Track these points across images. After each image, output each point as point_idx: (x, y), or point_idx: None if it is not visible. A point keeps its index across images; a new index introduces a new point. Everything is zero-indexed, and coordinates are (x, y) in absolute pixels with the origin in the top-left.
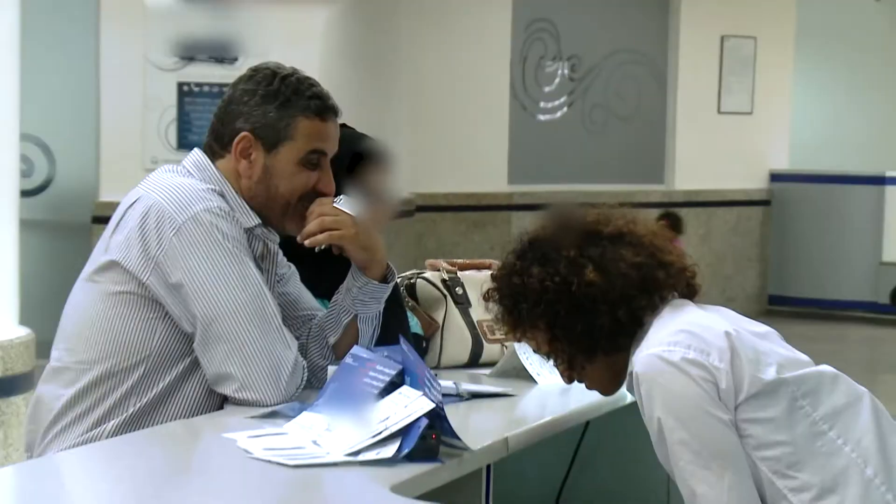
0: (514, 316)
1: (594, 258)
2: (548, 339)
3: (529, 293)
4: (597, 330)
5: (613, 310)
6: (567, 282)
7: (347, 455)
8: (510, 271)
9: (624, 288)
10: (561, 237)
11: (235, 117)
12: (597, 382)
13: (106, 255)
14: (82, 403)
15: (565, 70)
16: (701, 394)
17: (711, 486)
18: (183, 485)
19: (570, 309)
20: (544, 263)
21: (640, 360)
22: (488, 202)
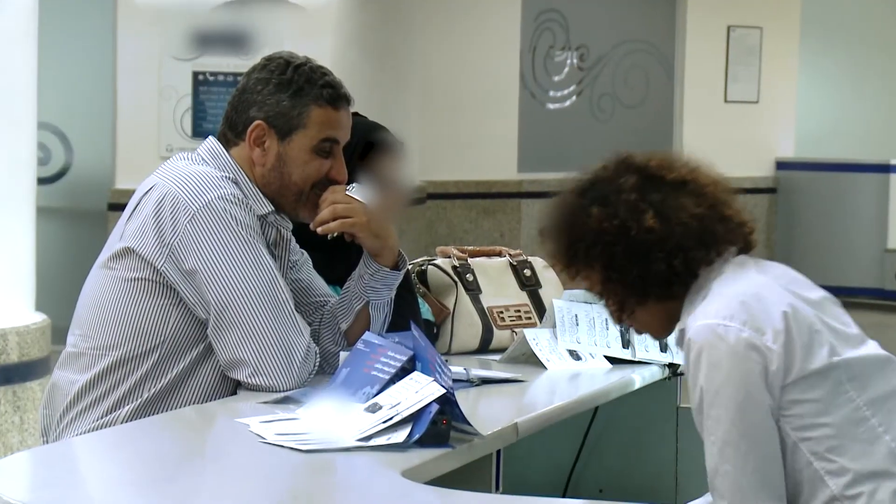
0: (569, 255)
1: (655, 204)
2: (601, 279)
3: (587, 233)
4: (651, 276)
5: (669, 258)
6: (626, 226)
7: (359, 440)
8: (569, 210)
9: (682, 238)
10: (622, 179)
11: (249, 106)
12: (646, 326)
13: (121, 242)
14: (97, 389)
15: (574, 59)
16: (747, 375)
17: (735, 466)
18: (196, 469)
19: (626, 253)
20: (604, 205)
21: (694, 328)
22: (498, 190)
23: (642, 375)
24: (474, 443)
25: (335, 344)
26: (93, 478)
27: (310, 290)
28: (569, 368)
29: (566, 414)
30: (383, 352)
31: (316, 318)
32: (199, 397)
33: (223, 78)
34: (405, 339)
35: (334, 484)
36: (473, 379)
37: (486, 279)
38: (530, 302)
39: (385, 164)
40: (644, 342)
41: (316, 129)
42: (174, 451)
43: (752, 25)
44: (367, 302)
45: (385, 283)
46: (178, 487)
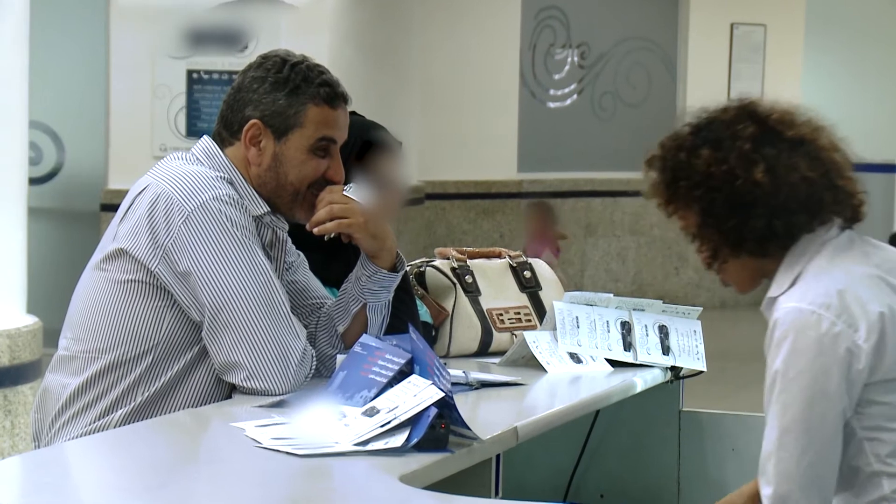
0: (670, 190)
1: (768, 158)
2: (697, 223)
3: (692, 173)
4: (748, 230)
5: (770, 217)
6: (733, 174)
7: (356, 444)
8: (680, 145)
9: (788, 199)
10: (741, 126)
11: (245, 105)
12: (734, 279)
13: (114, 243)
14: (90, 393)
15: (575, 57)
16: (828, 370)
17: (791, 456)
18: (190, 474)
19: (727, 201)
20: (716, 148)
21: (785, 308)
22: (498, 190)
23: (644, 379)
24: (473, 447)
25: (332, 347)
26: (85, 483)
27: (306, 291)
28: (569, 371)
29: (567, 418)
30: (381, 354)
31: (312, 321)
32: (193, 401)
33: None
34: (403, 342)
35: (331, 489)
36: (472, 382)
37: (486, 281)
38: (530, 304)
39: (383, 163)
40: (646, 345)
41: (313, 129)
42: (168, 456)
43: (755, 23)
44: (365, 304)
45: (383, 285)
46: (172, 493)
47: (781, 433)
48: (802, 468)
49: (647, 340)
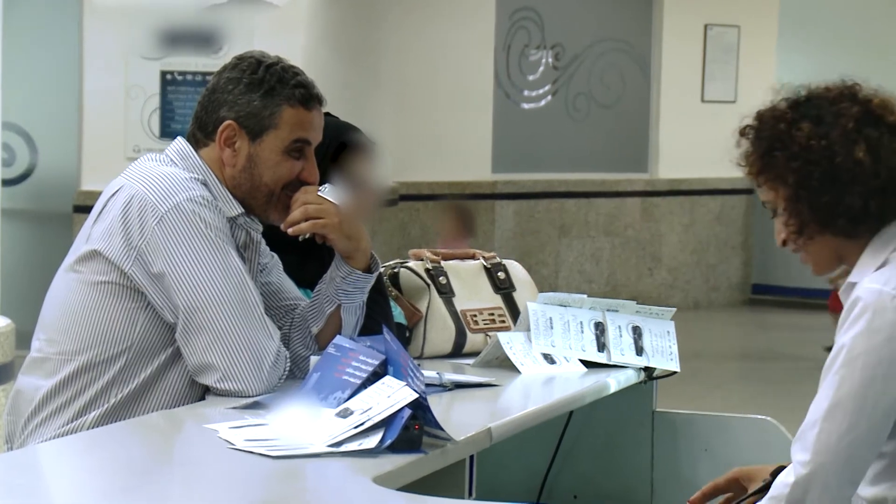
0: (764, 160)
1: (870, 139)
2: (789, 195)
3: (791, 144)
4: (842, 208)
5: (868, 196)
6: (833, 150)
7: (330, 446)
8: (778, 116)
9: (888, 181)
10: (844, 105)
11: (220, 106)
12: (814, 257)
13: (87, 244)
14: (63, 394)
15: (549, 58)
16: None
17: (836, 430)
18: (164, 476)
19: (825, 176)
20: (817, 123)
21: (867, 287)
22: (472, 191)
23: (618, 379)
24: (447, 448)
25: (306, 348)
26: (59, 485)
27: (280, 293)
28: (543, 372)
29: (540, 419)
30: (355, 356)
31: (286, 322)
32: (167, 403)
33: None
34: (377, 343)
35: (305, 491)
36: (446, 383)
37: (460, 282)
38: (504, 305)
39: (358, 165)
40: (620, 346)
41: (287, 130)
42: (141, 458)
43: (729, 24)
44: (339, 305)
45: (357, 286)
46: (146, 495)
47: (832, 406)
48: (844, 444)
49: (621, 341)
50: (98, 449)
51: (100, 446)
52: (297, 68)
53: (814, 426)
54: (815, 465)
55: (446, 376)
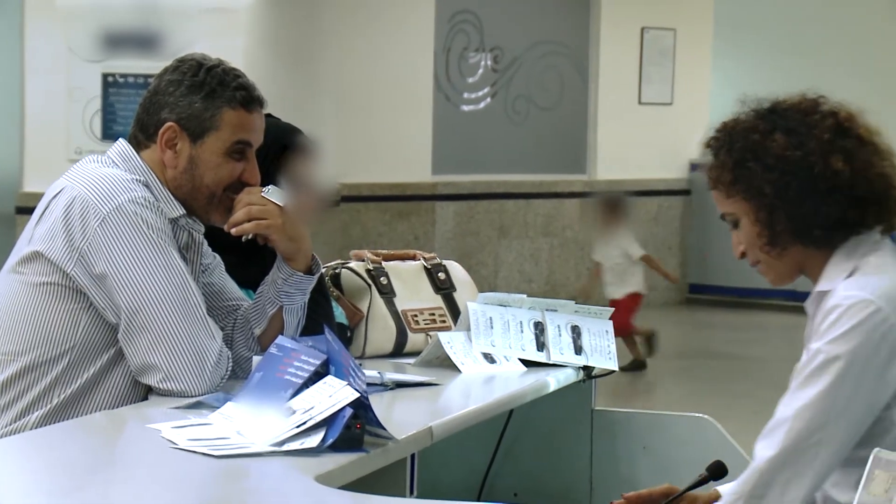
0: (736, 172)
1: (845, 151)
2: (763, 206)
3: (767, 155)
4: (820, 218)
5: (846, 206)
6: (809, 160)
7: (272, 445)
8: (750, 128)
9: (866, 191)
10: (815, 118)
11: (161, 108)
12: (778, 270)
13: (30, 245)
14: (6, 395)
15: (488, 61)
16: (869, 361)
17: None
18: (107, 476)
19: (803, 186)
20: (790, 135)
21: (846, 294)
22: (412, 192)
23: (557, 378)
24: (389, 447)
25: (248, 349)
26: (1, 486)
27: (222, 293)
28: (483, 371)
29: (481, 417)
30: (296, 356)
31: (229, 322)
32: (110, 403)
33: (133, 80)
34: (319, 343)
35: (248, 490)
36: (388, 382)
37: (401, 282)
38: (445, 305)
39: (300, 166)
40: (559, 345)
41: (228, 132)
42: (84, 458)
43: (665, 27)
44: (281, 306)
45: (299, 288)
46: (89, 495)
47: (804, 406)
48: (811, 444)
49: (560, 340)
50: (41, 449)
51: (43, 446)
52: (238, 70)
53: (783, 423)
54: (779, 461)
55: (387, 376)
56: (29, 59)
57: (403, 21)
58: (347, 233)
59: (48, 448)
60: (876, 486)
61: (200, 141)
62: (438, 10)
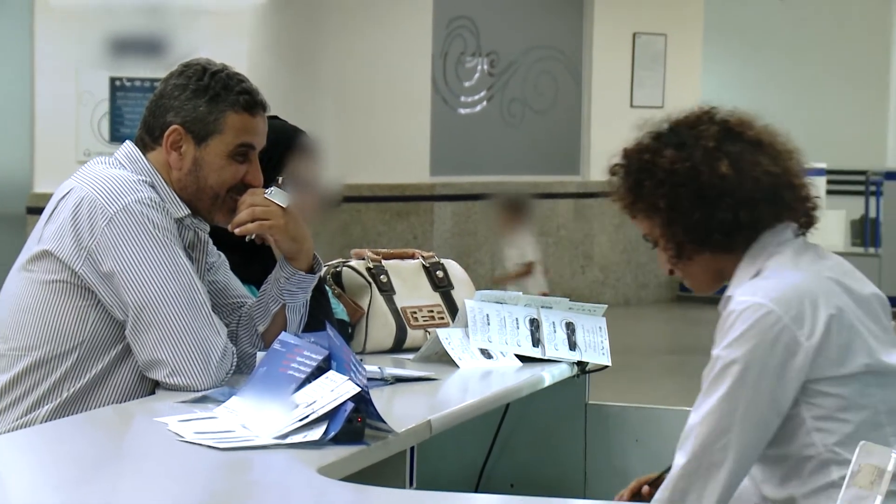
0: (634, 192)
1: (731, 154)
2: (663, 221)
3: (657, 172)
4: (715, 223)
5: (737, 208)
6: (697, 169)
7: (276, 438)
8: (642, 149)
9: (753, 191)
10: (703, 127)
11: (166, 111)
12: (696, 279)
13: (39, 245)
14: (17, 389)
15: (485, 66)
16: (766, 363)
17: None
18: (115, 468)
19: (693, 195)
20: (679, 148)
21: (739, 299)
22: (411, 192)
23: (552, 373)
24: (388, 440)
25: (252, 345)
26: (12, 477)
27: (227, 291)
28: (480, 367)
29: (478, 411)
30: (299, 351)
31: (233, 319)
32: (117, 397)
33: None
34: (321, 339)
35: (252, 482)
36: (388, 377)
37: (400, 280)
38: (443, 302)
39: (303, 167)
40: (554, 341)
41: (232, 135)
42: (93, 451)
43: (656, 32)
44: (284, 304)
45: (300, 286)
46: (97, 487)
47: (708, 412)
48: (718, 448)
49: (555, 336)
50: (51, 442)
51: (52, 440)
52: (241, 75)
53: (692, 431)
54: (691, 468)
55: (387, 371)
56: (39, 64)
57: (402, 26)
58: (348, 232)
59: (58, 441)
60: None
61: (204, 143)
62: (436, 16)
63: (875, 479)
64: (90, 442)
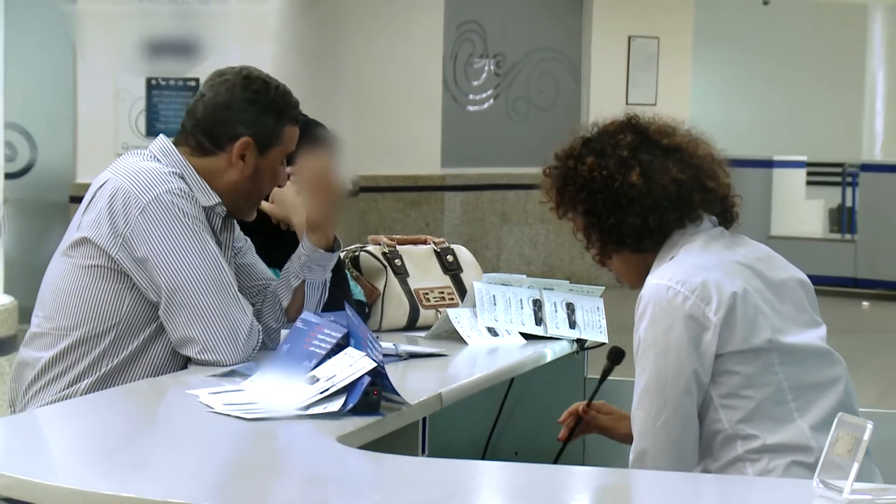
0: (560, 195)
1: (643, 163)
2: (583, 224)
3: (578, 178)
4: (626, 227)
5: (645, 214)
6: (612, 177)
7: (298, 409)
8: (569, 155)
9: (660, 198)
10: (621, 136)
11: (237, 123)
12: (622, 274)
13: (78, 232)
14: (60, 365)
15: (491, 66)
16: (679, 339)
17: (647, 416)
18: (150, 437)
19: (607, 202)
20: (599, 156)
21: (648, 284)
22: (423, 183)
23: (553, 350)
24: (402, 411)
25: (276, 321)
26: (55, 445)
27: (253, 273)
28: (487, 344)
29: (485, 385)
30: (320, 329)
31: (259, 300)
32: (152, 372)
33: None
34: (340, 318)
35: (276, 449)
36: (402, 353)
37: (413, 264)
38: (453, 284)
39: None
40: (555, 320)
41: (286, 146)
42: (129, 421)
43: (650, 36)
44: (303, 281)
45: (320, 264)
46: (133, 454)
47: (640, 395)
48: (658, 427)
49: (556, 316)
50: (90, 413)
51: (92, 410)
52: (289, 89)
53: (633, 417)
54: (639, 451)
55: (401, 347)
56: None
57: (415, 31)
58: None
59: (97, 412)
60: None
61: (266, 154)
62: (447, 21)
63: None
64: (126, 413)
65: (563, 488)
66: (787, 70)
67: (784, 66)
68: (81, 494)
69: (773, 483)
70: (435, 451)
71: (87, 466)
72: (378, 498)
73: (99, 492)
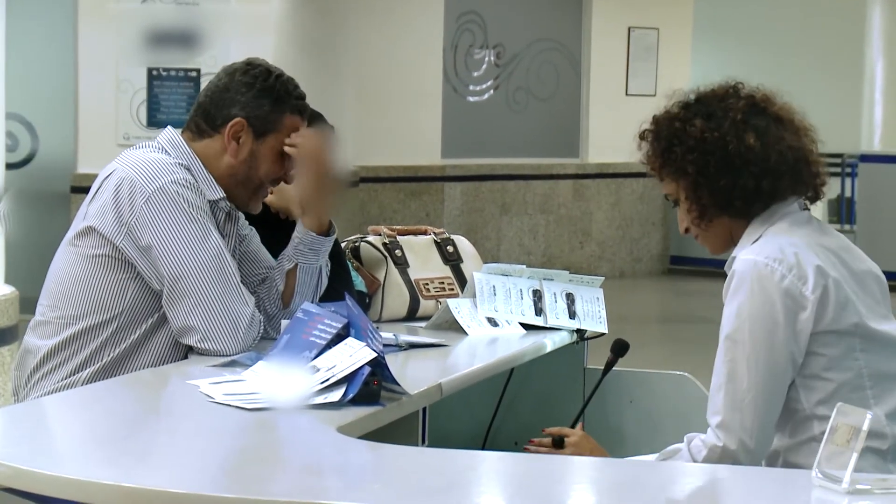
0: (664, 157)
1: (758, 127)
2: (689, 185)
3: (688, 139)
4: (738, 189)
5: (760, 177)
6: (725, 139)
7: (298, 399)
8: (673, 117)
9: (777, 163)
10: (731, 101)
11: (231, 104)
12: (712, 239)
13: (84, 221)
14: (62, 353)
15: (491, 57)
16: (777, 316)
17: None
18: (151, 426)
19: (720, 162)
20: (709, 118)
21: (742, 260)
22: (424, 174)
23: (553, 340)
24: (403, 401)
25: (273, 306)
26: (57, 433)
27: (257, 261)
28: (487, 334)
29: (485, 375)
30: (320, 320)
31: (262, 289)
32: (153, 361)
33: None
34: (340, 309)
35: (277, 439)
36: (402, 344)
37: (413, 254)
38: (453, 275)
39: None
40: (555, 310)
41: (285, 134)
42: (131, 410)
43: (649, 26)
44: (296, 265)
45: (313, 248)
46: (135, 443)
47: (732, 367)
48: (749, 400)
49: (556, 306)
50: (92, 401)
51: (94, 399)
52: (296, 82)
53: (720, 389)
54: (726, 423)
55: (402, 337)
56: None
57: (415, 22)
58: (366, 210)
59: (98, 401)
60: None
61: (262, 138)
62: (447, 11)
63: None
64: (128, 402)
65: (563, 478)
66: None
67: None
68: (82, 484)
69: (774, 473)
70: (435, 441)
71: (89, 456)
72: (378, 487)
73: (100, 481)
